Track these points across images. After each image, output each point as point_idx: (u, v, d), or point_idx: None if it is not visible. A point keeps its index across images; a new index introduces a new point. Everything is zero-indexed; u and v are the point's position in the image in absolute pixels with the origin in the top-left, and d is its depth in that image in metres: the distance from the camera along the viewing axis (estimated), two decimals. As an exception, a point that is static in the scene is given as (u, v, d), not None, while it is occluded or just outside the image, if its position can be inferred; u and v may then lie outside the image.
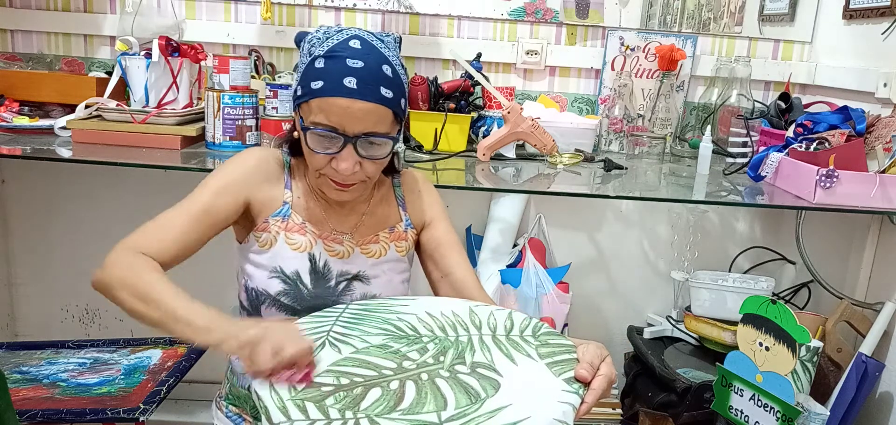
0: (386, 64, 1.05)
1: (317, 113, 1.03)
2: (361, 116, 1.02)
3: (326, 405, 0.80)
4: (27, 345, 1.78)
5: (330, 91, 1.02)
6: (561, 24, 2.12)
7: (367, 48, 1.04)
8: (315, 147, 1.05)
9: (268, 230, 1.12)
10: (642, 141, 2.10)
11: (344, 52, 1.03)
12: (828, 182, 1.51)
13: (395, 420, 0.78)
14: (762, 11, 2.12)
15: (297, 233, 1.13)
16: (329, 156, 1.05)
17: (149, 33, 1.82)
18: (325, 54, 1.03)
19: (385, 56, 1.05)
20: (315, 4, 2.07)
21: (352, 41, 1.04)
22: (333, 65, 1.02)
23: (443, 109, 1.92)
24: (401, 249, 1.21)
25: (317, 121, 1.03)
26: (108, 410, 1.47)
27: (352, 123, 1.03)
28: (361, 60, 1.02)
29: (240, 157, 1.14)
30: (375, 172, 1.10)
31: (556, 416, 0.81)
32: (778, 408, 1.56)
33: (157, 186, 2.10)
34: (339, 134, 1.03)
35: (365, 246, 1.17)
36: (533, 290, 1.94)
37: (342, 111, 1.02)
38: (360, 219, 1.18)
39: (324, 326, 1.01)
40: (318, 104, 1.03)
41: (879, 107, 1.77)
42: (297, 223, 1.13)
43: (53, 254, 2.18)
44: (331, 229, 1.15)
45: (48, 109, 1.88)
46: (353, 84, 1.01)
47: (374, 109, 1.03)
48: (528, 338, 1.00)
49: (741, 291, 1.87)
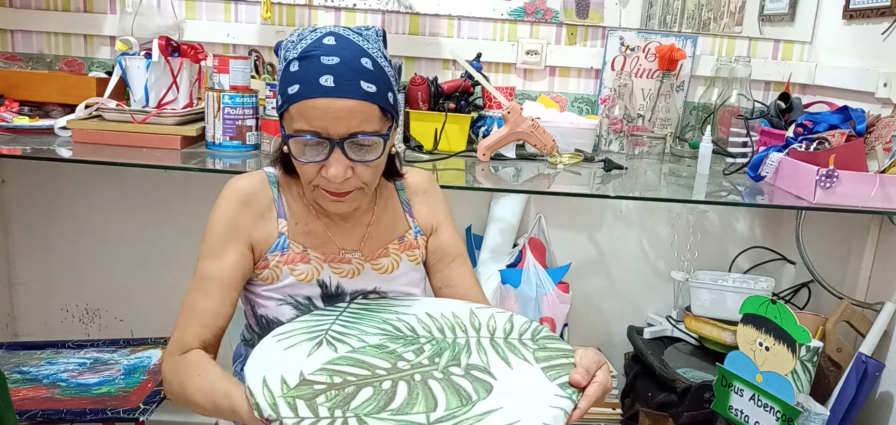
0: (364, 57, 0.97)
1: (297, 119, 0.97)
2: (344, 115, 0.95)
3: (317, 403, 0.81)
4: (27, 345, 1.79)
5: (307, 93, 0.95)
6: (561, 24, 2.12)
7: (343, 43, 0.97)
8: (301, 156, 0.99)
9: (268, 266, 1.06)
10: (642, 141, 2.10)
11: (318, 50, 0.96)
12: (828, 182, 1.51)
13: (383, 419, 0.78)
14: (762, 11, 2.12)
15: (300, 263, 1.07)
16: (318, 164, 0.98)
17: (149, 33, 1.82)
18: (300, 56, 0.97)
19: (363, 49, 0.98)
20: (315, 4, 2.07)
21: (326, 38, 0.98)
22: (308, 65, 0.96)
23: (443, 109, 1.92)
24: (413, 258, 1.16)
25: (299, 128, 0.97)
26: (108, 410, 1.47)
27: (335, 125, 0.95)
28: (337, 56, 0.95)
29: (222, 205, 1.06)
30: (372, 177, 1.02)
31: (546, 420, 0.81)
32: (778, 408, 1.56)
33: (157, 186, 2.11)
34: (324, 138, 0.96)
35: (375, 261, 1.12)
36: (533, 290, 1.94)
37: (322, 113, 0.95)
38: (365, 231, 1.12)
39: (323, 325, 1.01)
40: (297, 109, 0.96)
41: (879, 107, 1.77)
42: (297, 253, 1.07)
43: (53, 254, 2.19)
44: (338, 249, 1.10)
45: (48, 109, 1.88)
46: (330, 82, 0.94)
47: (356, 106, 0.95)
48: (526, 342, 1.00)
49: (741, 291, 1.87)
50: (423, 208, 1.19)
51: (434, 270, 1.19)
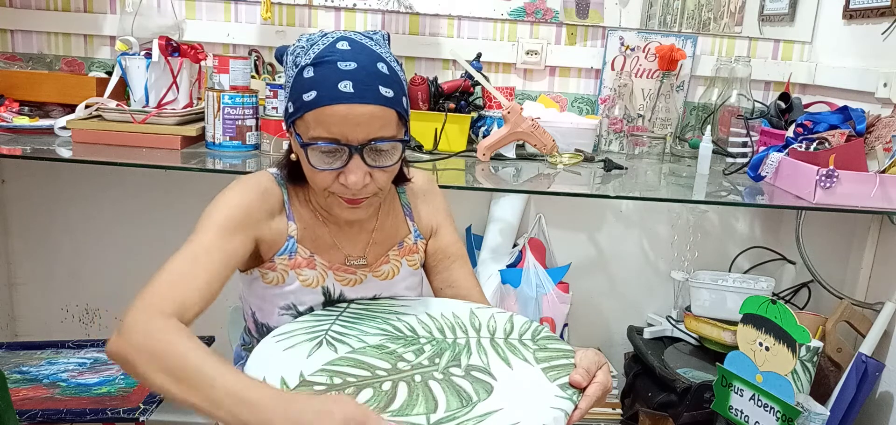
0: (381, 61, 0.96)
1: (314, 126, 0.94)
2: (364, 122, 0.93)
3: None
4: (27, 345, 1.79)
5: (325, 100, 0.93)
6: (561, 24, 2.12)
7: (358, 47, 0.96)
8: (318, 164, 0.96)
9: (274, 269, 1.04)
10: (642, 141, 2.10)
11: (333, 55, 0.94)
12: (828, 182, 1.51)
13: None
14: (762, 11, 2.12)
15: (307, 269, 1.06)
16: (335, 171, 0.96)
17: (149, 33, 1.82)
18: (314, 61, 0.94)
19: (379, 53, 0.97)
20: (315, 4, 2.07)
21: (339, 43, 0.96)
22: (325, 71, 0.93)
23: (443, 109, 1.92)
24: (412, 263, 1.15)
25: (316, 135, 0.94)
26: (108, 410, 1.48)
27: (354, 131, 0.93)
28: (354, 61, 0.94)
29: (242, 190, 1.02)
30: (387, 182, 1.01)
31: (546, 421, 0.81)
32: (778, 408, 1.56)
33: (157, 186, 2.11)
34: (343, 145, 0.94)
35: (377, 269, 1.11)
36: (533, 290, 1.94)
37: (342, 119, 0.93)
38: (370, 236, 1.11)
39: (322, 325, 1.01)
40: (314, 117, 0.94)
41: (879, 107, 1.77)
42: (304, 257, 1.06)
43: (53, 254, 2.19)
44: (343, 256, 1.09)
45: (48, 109, 1.88)
46: (349, 87, 0.92)
47: (376, 112, 0.94)
48: (526, 342, 1.00)
49: (741, 291, 1.87)
50: (424, 210, 1.18)
51: (435, 272, 1.19)
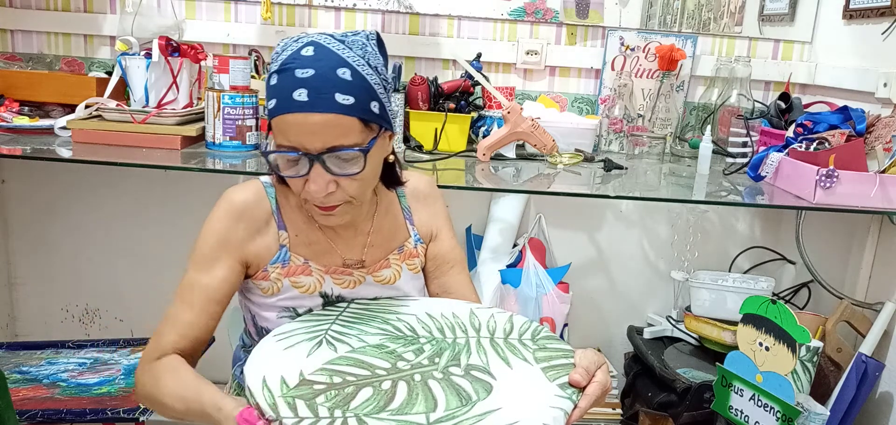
0: (343, 66, 0.93)
1: (277, 134, 0.95)
2: (318, 130, 0.92)
3: (317, 403, 0.81)
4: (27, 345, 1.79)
5: (282, 108, 0.92)
6: (561, 24, 2.12)
7: (321, 53, 0.93)
8: (284, 171, 0.97)
9: (268, 278, 1.04)
10: (642, 141, 2.10)
11: (294, 62, 0.93)
12: (828, 182, 1.51)
13: (383, 420, 0.78)
14: (762, 11, 2.12)
15: (302, 276, 1.06)
16: (302, 179, 0.96)
17: (149, 33, 1.82)
18: (278, 69, 0.94)
19: (342, 58, 0.93)
20: (315, 4, 2.07)
21: (304, 49, 0.94)
22: (284, 79, 0.93)
23: (443, 109, 1.92)
24: (413, 267, 1.15)
25: (279, 143, 0.95)
26: (108, 410, 1.47)
27: (310, 139, 0.92)
28: (312, 68, 0.91)
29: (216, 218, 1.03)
30: (360, 191, 0.99)
31: (545, 421, 0.81)
32: (778, 408, 1.56)
33: (157, 186, 2.11)
34: (303, 154, 0.93)
35: (376, 272, 1.11)
36: (533, 290, 1.94)
37: (298, 128, 0.92)
38: (367, 239, 1.11)
39: (322, 325, 1.01)
40: (275, 124, 0.94)
41: (879, 107, 1.77)
42: (298, 265, 1.05)
43: (53, 254, 2.19)
44: (340, 259, 1.08)
45: (48, 109, 1.88)
46: (304, 96, 0.91)
47: (331, 120, 0.91)
48: (526, 342, 1.00)
49: (741, 291, 1.87)
50: (424, 214, 1.18)
51: (432, 277, 1.19)
